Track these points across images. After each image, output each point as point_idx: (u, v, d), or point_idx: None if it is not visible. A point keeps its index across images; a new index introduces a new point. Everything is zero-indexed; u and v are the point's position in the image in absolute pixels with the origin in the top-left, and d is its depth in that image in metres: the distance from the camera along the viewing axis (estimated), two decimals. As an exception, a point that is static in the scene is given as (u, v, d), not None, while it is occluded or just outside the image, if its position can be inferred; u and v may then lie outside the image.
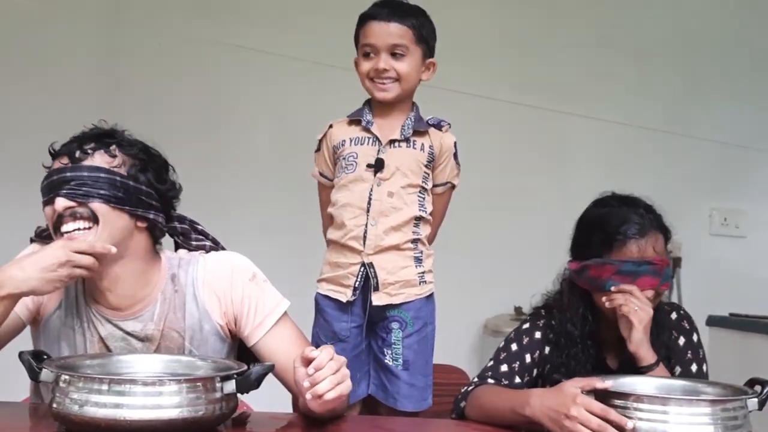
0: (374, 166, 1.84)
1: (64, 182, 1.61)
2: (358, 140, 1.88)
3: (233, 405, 1.47)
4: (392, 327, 1.85)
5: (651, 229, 1.80)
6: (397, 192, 1.84)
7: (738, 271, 3.89)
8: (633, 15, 3.97)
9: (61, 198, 1.61)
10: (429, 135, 1.89)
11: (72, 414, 1.36)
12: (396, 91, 1.86)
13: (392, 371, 1.86)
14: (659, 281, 1.78)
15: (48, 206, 1.64)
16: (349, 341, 1.87)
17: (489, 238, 3.71)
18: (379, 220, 1.83)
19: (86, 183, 1.61)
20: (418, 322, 1.87)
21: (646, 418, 1.47)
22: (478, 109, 3.71)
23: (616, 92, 3.90)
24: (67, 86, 3.35)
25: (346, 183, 1.87)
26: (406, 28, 1.84)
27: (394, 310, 1.85)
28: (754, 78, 4.05)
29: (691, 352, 1.87)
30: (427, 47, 1.90)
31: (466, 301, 3.64)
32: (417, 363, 1.88)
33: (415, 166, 1.86)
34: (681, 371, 1.84)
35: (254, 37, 3.52)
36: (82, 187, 1.61)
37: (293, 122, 3.32)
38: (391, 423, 1.75)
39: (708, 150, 3.98)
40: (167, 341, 1.72)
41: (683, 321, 1.91)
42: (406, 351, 1.86)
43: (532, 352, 1.85)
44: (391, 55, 1.84)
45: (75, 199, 1.61)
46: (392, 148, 1.86)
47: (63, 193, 1.61)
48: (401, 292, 1.85)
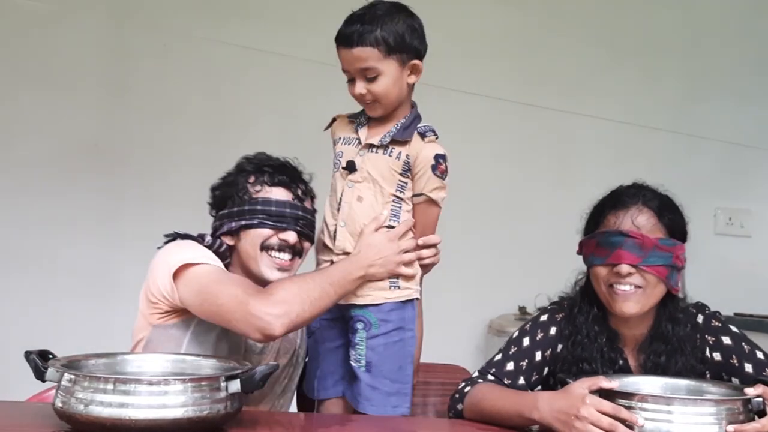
0: (346, 168, 1.84)
1: (297, 219, 1.92)
2: (347, 140, 1.87)
3: (238, 404, 1.47)
4: (357, 327, 1.82)
5: (635, 205, 1.76)
6: (367, 198, 1.81)
7: (743, 271, 3.88)
8: (639, 14, 3.96)
9: (294, 234, 1.91)
10: (410, 144, 1.82)
11: (77, 413, 1.37)
12: (380, 109, 1.82)
13: (355, 372, 1.83)
14: (641, 259, 1.72)
15: (277, 232, 1.90)
16: (318, 333, 1.90)
17: (493, 238, 3.70)
18: (347, 222, 1.82)
19: (308, 225, 1.95)
20: (386, 324, 1.81)
21: (651, 417, 1.47)
22: (483, 108, 3.71)
23: (621, 91, 3.90)
24: (72, 87, 3.35)
25: (332, 181, 1.88)
26: (370, 48, 1.76)
27: (359, 310, 1.82)
28: (760, 77, 4.04)
29: (744, 343, 1.78)
30: (402, 54, 1.79)
31: (470, 300, 3.64)
32: (383, 367, 1.81)
33: (388, 174, 1.81)
34: (744, 366, 1.75)
35: (259, 38, 3.52)
36: (306, 228, 1.94)
37: (298, 122, 3.32)
38: (394, 422, 1.75)
39: (713, 149, 3.97)
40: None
41: (712, 320, 1.82)
42: (369, 352, 1.80)
43: (543, 350, 1.82)
44: (365, 78, 1.79)
45: (300, 237, 1.92)
46: (369, 152, 1.83)
47: (297, 230, 1.91)
48: (368, 294, 1.81)
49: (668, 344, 1.77)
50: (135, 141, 3.40)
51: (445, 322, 1.94)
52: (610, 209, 1.79)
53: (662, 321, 1.78)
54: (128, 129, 3.41)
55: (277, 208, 1.90)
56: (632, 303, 1.74)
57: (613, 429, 1.46)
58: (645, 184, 1.85)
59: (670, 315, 1.78)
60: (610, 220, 1.78)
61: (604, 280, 1.77)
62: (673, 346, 1.76)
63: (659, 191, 1.83)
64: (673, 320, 1.78)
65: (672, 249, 1.74)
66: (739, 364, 1.74)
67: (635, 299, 1.74)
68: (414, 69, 1.82)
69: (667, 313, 1.79)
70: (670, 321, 1.78)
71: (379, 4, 1.80)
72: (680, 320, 1.78)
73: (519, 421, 1.62)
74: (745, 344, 1.77)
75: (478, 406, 1.71)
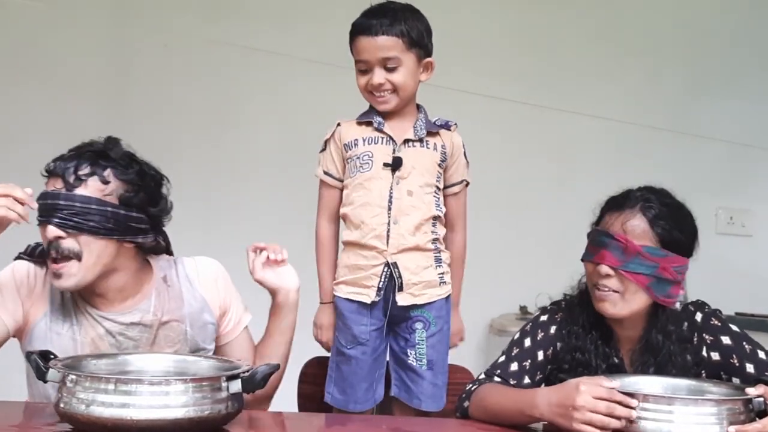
0: (392, 165, 1.84)
1: (56, 210, 1.67)
2: (372, 140, 1.87)
3: (239, 405, 1.47)
4: (416, 327, 1.85)
5: (631, 209, 1.74)
6: (416, 191, 1.85)
7: (744, 270, 3.88)
8: (639, 14, 3.96)
9: (53, 227, 1.67)
10: (440, 135, 1.90)
11: (79, 414, 1.37)
12: (395, 101, 1.86)
13: (416, 371, 1.86)
14: (621, 263, 1.70)
15: (40, 226, 1.71)
16: (369, 344, 1.87)
17: (494, 238, 3.70)
18: (400, 219, 1.83)
19: (77, 214, 1.67)
20: (439, 321, 1.88)
21: (651, 417, 1.47)
22: (483, 108, 3.71)
23: (622, 91, 3.89)
24: (73, 87, 3.35)
25: (362, 182, 1.86)
26: (395, 38, 1.81)
27: (418, 310, 1.85)
28: (761, 76, 4.03)
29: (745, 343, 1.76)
30: (420, 49, 1.86)
31: (471, 300, 3.61)
32: (438, 362, 1.89)
33: (430, 166, 1.87)
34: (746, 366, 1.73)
35: (261, 38, 3.52)
36: (72, 218, 1.67)
37: (301, 123, 3.32)
38: (397, 422, 1.75)
39: (714, 149, 3.97)
40: (167, 330, 1.80)
41: (711, 319, 1.80)
42: (429, 351, 1.86)
43: (545, 349, 1.82)
44: (385, 67, 1.83)
45: (65, 229, 1.67)
46: (407, 147, 1.87)
47: (55, 222, 1.66)
48: (424, 293, 1.85)
49: (657, 357, 1.75)
50: (135, 141, 3.39)
51: (445, 322, 1.94)
52: (609, 208, 1.80)
53: (652, 332, 1.76)
54: (128, 129, 3.36)
55: (40, 202, 1.68)
56: (609, 304, 1.73)
57: (610, 411, 1.46)
58: (657, 188, 1.81)
59: (662, 327, 1.75)
60: (606, 219, 1.78)
61: (589, 278, 1.79)
62: (664, 358, 1.75)
63: (668, 200, 1.78)
64: (664, 332, 1.75)
65: (658, 259, 1.71)
66: (740, 364, 1.73)
67: (612, 301, 1.73)
68: (427, 67, 1.89)
69: (658, 325, 1.76)
70: (661, 333, 1.75)
71: (394, 3, 1.87)
72: (671, 332, 1.76)
73: (522, 419, 1.62)
74: (746, 344, 1.76)
75: (483, 405, 1.71)
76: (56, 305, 1.78)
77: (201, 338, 1.83)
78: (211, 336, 1.86)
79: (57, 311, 1.77)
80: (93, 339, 1.76)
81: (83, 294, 1.78)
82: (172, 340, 1.80)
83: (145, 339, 1.78)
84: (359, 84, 1.86)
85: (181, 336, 1.81)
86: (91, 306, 1.78)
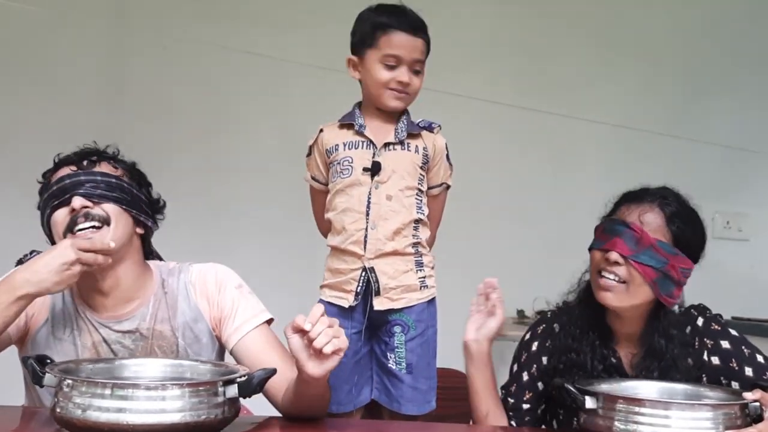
0: (371, 170, 1.84)
1: (79, 184, 1.74)
2: (352, 144, 1.87)
3: (235, 409, 1.47)
4: (395, 331, 1.85)
5: (649, 203, 1.77)
6: (395, 195, 1.84)
7: (741, 275, 3.89)
8: (636, 18, 3.97)
9: (79, 198, 1.72)
10: (422, 137, 1.88)
11: (75, 418, 1.37)
12: (408, 102, 1.87)
13: (396, 375, 1.85)
14: (633, 253, 1.71)
15: (62, 208, 1.74)
16: (350, 347, 1.87)
17: (491, 242, 3.70)
18: (378, 224, 1.82)
19: (100, 186, 1.75)
20: (420, 325, 1.87)
21: (648, 422, 1.47)
22: (480, 112, 3.72)
23: (619, 95, 3.90)
24: (71, 90, 3.36)
25: (343, 188, 1.86)
26: (426, 44, 1.85)
27: (396, 314, 1.84)
28: (758, 81, 4.05)
29: (744, 347, 1.77)
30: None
31: (468, 304, 3.63)
32: (420, 366, 1.87)
33: (411, 169, 1.86)
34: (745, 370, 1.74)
35: (258, 41, 3.52)
36: (97, 189, 1.75)
37: (297, 126, 3.29)
38: (394, 427, 1.75)
39: (711, 153, 3.98)
40: (159, 340, 1.79)
41: (712, 323, 1.81)
42: (409, 354, 1.86)
43: (529, 369, 1.87)
44: (412, 69, 1.84)
45: (91, 199, 1.74)
46: (387, 151, 1.85)
47: (80, 193, 1.73)
48: (402, 297, 1.84)
49: (661, 361, 1.75)
50: (133, 143, 3.38)
51: (443, 326, 1.94)
52: (626, 201, 1.81)
53: (655, 336, 1.76)
54: (127, 131, 3.38)
55: (57, 186, 1.76)
56: (611, 295, 1.74)
57: None
58: (674, 190, 1.84)
59: (664, 330, 1.76)
60: (622, 210, 1.79)
61: (596, 266, 1.78)
62: (667, 363, 1.74)
63: (684, 202, 1.82)
64: (666, 337, 1.75)
65: (669, 256, 1.73)
66: (739, 368, 1.74)
67: (616, 292, 1.74)
68: None
69: (660, 328, 1.76)
70: (664, 337, 1.75)
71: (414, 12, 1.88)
72: (674, 336, 1.76)
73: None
74: (744, 348, 1.76)
75: None
76: (57, 311, 1.79)
77: (194, 351, 1.81)
78: (208, 349, 1.83)
79: (58, 317, 1.78)
80: (94, 343, 1.77)
81: (84, 296, 1.78)
82: (165, 351, 1.79)
83: (140, 348, 1.78)
84: (381, 78, 1.84)
85: (173, 348, 1.80)
86: (90, 311, 1.78)
